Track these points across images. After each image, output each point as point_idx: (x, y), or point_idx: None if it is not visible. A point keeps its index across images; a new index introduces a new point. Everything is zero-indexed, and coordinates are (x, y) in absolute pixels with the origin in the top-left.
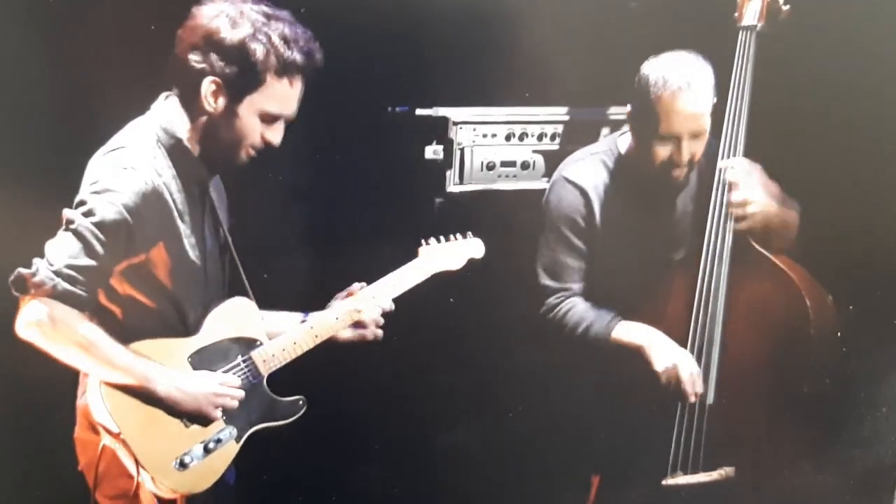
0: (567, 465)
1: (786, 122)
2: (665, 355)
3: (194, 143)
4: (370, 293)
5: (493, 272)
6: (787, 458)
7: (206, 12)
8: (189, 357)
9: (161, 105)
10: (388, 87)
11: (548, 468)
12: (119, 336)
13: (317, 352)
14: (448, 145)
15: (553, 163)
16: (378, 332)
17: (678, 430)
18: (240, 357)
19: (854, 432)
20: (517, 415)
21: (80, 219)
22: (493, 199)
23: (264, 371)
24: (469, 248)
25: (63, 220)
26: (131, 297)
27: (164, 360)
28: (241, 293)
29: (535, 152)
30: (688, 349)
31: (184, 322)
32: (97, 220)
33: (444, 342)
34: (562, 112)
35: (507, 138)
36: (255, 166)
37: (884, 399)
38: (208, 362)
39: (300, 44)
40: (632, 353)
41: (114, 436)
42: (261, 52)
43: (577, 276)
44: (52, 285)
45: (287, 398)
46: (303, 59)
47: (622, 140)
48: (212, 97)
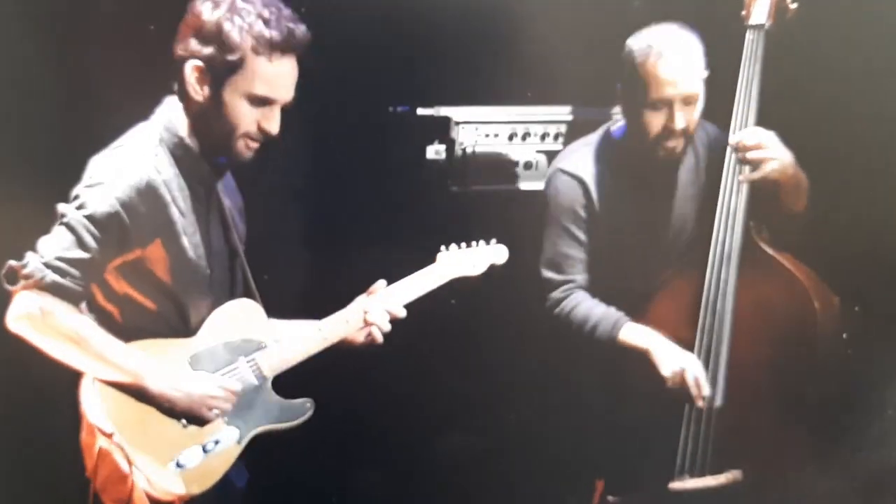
0: (570, 470)
1: (793, 121)
2: (671, 359)
3: (193, 139)
4: (388, 293)
5: (495, 273)
6: (794, 461)
7: (197, 2)
8: (189, 357)
9: (163, 106)
10: (390, 87)
11: (551, 472)
12: (118, 336)
13: (323, 353)
14: (450, 145)
15: None
16: (376, 336)
17: (686, 433)
18: (243, 358)
19: (860, 434)
20: (521, 418)
21: (72, 212)
22: (495, 199)
23: (269, 373)
24: (492, 253)
25: (57, 215)
26: (129, 295)
27: (164, 359)
28: (249, 295)
29: (538, 152)
30: (696, 351)
31: (186, 323)
32: (89, 212)
33: (448, 344)
34: (565, 112)
35: (510, 138)
36: (256, 168)
37: (890, 401)
38: (210, 363)
39: (278, 21)
40: (637, 356)
41: (107, 437)
42: (234, 31)
43: (581, 266)
44: (42, 276)
45: (294, 400)
46: (280, 36)
47: (615, 128)
48: (197, 84)
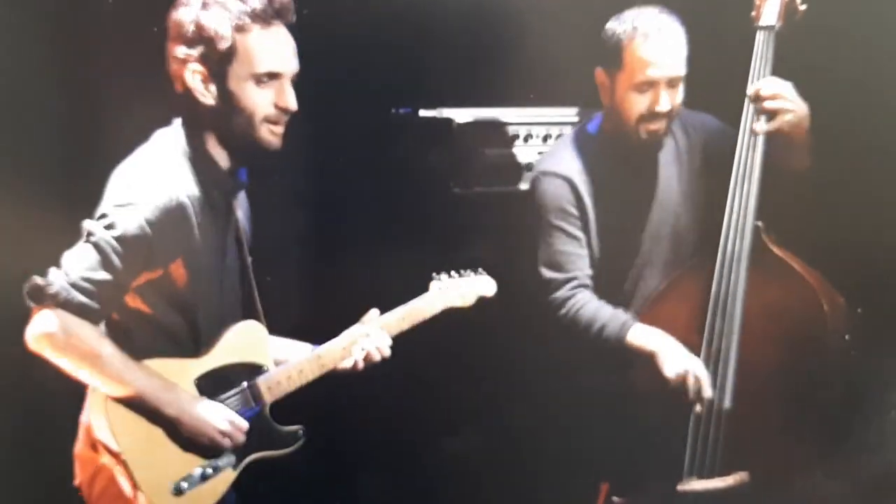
0: (575, 473)
1: None
2: (675, 361)
3: (216, 146)
4: (382, 325)
5: (497, 275)
6: (799, 462)
7: (171, 13)
8: (196, 379)
9: (179, 121)
10: (392, 89)
11: (556, 474)
12: (128, 352)
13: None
14: (452, 147)
15: None
16: (360, 365)
17: (693, 435)
18: (245, 383)
19: (863, 436)
20: (526, 419)
21: (100, 231)
22: (497, 201)
23: (268, 398)
24: (479, 285)
25: (83, 232)
26: (141, 312)
27: (171, 380)
28: (253, 313)
29: (540, 154)
30: (704, 353)
31: (195, 340)
32: (118, 233)
33: (453, 346)
34: (567, 113)
35: (512, 140)
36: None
37: (893, 402)
38: (214, 386)
39: None
40: (643, 359)
41: (113, 455)
42: (213, 19)
43: (580, 262)
44: (67, 296)
45: (286, 427)
46: (259, 5)
47: (589, 124)
48: (202, 86)
